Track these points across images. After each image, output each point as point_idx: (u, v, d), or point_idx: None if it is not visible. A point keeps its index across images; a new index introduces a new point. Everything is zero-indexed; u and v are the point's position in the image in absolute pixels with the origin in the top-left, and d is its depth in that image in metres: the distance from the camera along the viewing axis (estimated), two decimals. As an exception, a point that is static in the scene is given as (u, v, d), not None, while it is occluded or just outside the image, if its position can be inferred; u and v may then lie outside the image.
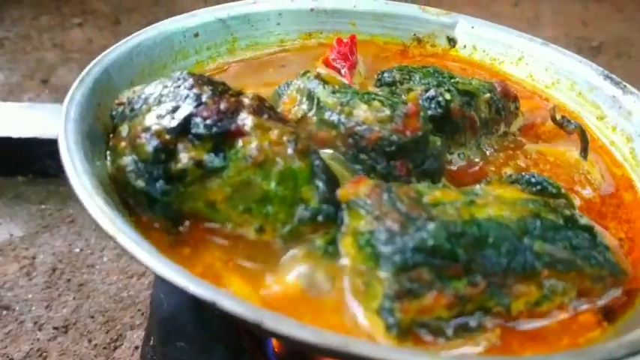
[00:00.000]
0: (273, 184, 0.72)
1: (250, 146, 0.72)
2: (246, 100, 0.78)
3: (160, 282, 0.90)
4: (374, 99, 0.83)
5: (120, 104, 0.80)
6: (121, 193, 0.74)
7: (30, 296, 1.46)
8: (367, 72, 1.07)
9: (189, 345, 0.83)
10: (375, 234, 0.67)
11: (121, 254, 1.59)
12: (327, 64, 1.06)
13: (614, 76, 0.98)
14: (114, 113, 0.80)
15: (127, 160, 0.73)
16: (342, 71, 1.03)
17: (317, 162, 0.75)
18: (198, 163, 0.71)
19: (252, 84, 1.01)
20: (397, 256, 0.64)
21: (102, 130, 0.80)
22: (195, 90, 0.77)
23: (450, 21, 1.14)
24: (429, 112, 0.84)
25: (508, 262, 0.67)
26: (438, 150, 0.81)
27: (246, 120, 0.75)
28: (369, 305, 0.65)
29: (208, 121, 0.73)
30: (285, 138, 0.74)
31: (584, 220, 0.75)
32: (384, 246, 0.66)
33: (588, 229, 0.74)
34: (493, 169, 0.88)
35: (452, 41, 1.14)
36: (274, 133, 0.74)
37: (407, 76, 0.94)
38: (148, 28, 0.96)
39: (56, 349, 1.35)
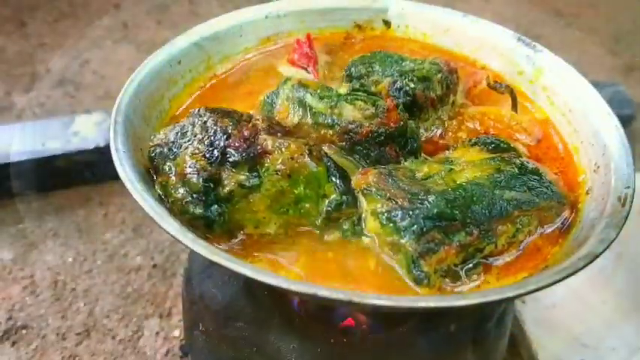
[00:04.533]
0: (301, 188, 0.91)
1: (277, 162, 0.91)
2: (259, 124, 0.96)
3: (207, 280, 1.09)
4: (356, 99, 1.02)
5: (155, 146, 0.95)
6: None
7: (43, 311, 1.58)
8: (326, 63, 1.25)
9: (249, 323, 1.03)
10: (392, 212, 0.88)
11: (112, 255, 1.73)
12: (292, 63, 1.24)
13: (524, 37, 1.22)
14: (153, 155, 0.94)
15: (182, 193, 0.90)
16: (309, 69, 1.21)
17: (329, 163, 0.95)
18: (241, 185, 0.89)
19: (236, 96, 1.17)
20: (415, 226, 0.86)
21: (144, 169, 0.95)
22: (219, 124, 0.93)
23: (382, 6, 1.33)
24: (400, 101, 1.05)
25: (490, 212, 0.90)
26: (415, 132, 1.02)
27: (267, 141, 0.92)
28: (402, 266, 0.87)
29: (240, 150, 0.90)
30: (301, 149, 0.93)
31: (531, 165, 0.99)
32: (402, 220, 0.87)
33: (536, 171, 0.98)
34: (451, 134, 1.11)
35: (387, 23, 1.34)
36: (292, 148, 0.92)
37: (370, 68, 1.14)
38: (140, 66, 1.09)
39: (86, 352, 1.49)
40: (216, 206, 0.89)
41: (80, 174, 1.90)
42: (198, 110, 0.97)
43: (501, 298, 0.75)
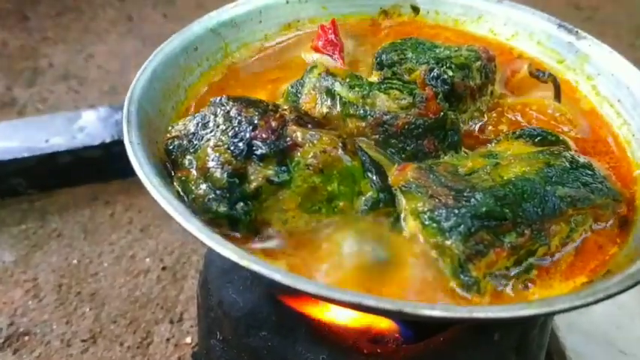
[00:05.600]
0: (335, 185, 0.83)
1: (308, 156, 0.82)
2: (287, 114, 0.87)
3: (227, 285, 1.00)
4: (390, 88, 0.94)
5: (174, 138, 0.87)
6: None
7: (46, 317, 1.49)
8: (352, 50, 1.17)
9: (274, 332, 0.94)
10: (435, 211, 0.80)
11: (119, 257, 1.64)
12: (317, 50, 1.15)
13: (566, 24, 1.13)
14: (171, 147, 0.86)
15: (204, 190, 0.81)
16: (334, 56, 1.13)
17: (364, 157, 0.86)
18: (269, 180, 0.81)
19: (257, 85, 1.09)
20: (461, 226, 0.78)
21: (161, 163, 0.87)
22: (244, 114, 0.85)
23: (410, -10, 1.24)
24: (438, 89, 0.96)
25: (542, 210, 0.82)
26: (456, 123, 0.94)
27: (296, 133, 0.84)
28: (448, 270, 0.79)
29: (268, 142, 0.82)
30: (334, 142, 0.84)
31: (582, 159, 0.91)
32: (446, 220, 0.79)
33: (588, 166, 0.90)
34: (491, 127, 1.02)
35: (415, 9, 1.25)
36: (324, 140, 0.84)
37: (402, 55, 1.05)
38: (154, 53, 1.00)
39: (93, 360, 1.41)
40: (242, 204, 0.80)
41: (85, 172, 1.82)
42: (221, 99, 0.88)
43: (570, 307, 0.67)
